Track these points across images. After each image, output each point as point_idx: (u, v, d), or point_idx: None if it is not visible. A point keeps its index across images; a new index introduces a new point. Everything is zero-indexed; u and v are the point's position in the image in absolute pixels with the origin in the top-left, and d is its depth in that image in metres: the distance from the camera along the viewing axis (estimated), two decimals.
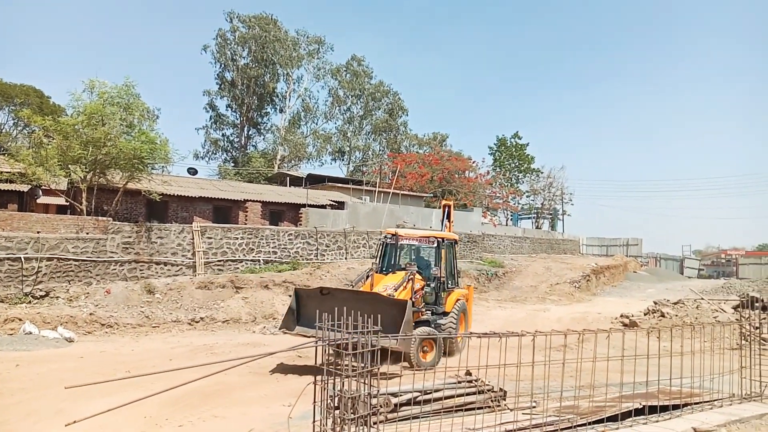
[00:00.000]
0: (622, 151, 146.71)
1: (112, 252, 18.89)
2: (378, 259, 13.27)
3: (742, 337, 8.41)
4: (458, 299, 13.32)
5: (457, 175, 45.97)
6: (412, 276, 11.86)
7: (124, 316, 16.32)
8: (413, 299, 11.44)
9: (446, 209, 16.01)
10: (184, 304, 17.97)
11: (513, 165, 60.17)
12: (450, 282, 13.52)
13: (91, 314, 15.77)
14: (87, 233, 18.54)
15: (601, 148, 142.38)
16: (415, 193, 39.67)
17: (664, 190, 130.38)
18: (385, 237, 13.47)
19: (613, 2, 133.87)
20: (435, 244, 13.27)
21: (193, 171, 33.45)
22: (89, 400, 7.61)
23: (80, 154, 19.16)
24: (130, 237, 19.34)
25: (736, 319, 11.92)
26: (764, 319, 9.89)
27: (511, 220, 52.56)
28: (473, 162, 49.75)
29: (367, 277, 12.70)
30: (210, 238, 21.41)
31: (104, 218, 19.39)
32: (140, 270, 19.43)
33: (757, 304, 10.98)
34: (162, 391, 5.69)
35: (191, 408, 7.82)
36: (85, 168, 19.88)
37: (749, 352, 7.61)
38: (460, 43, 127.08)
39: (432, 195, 42.72)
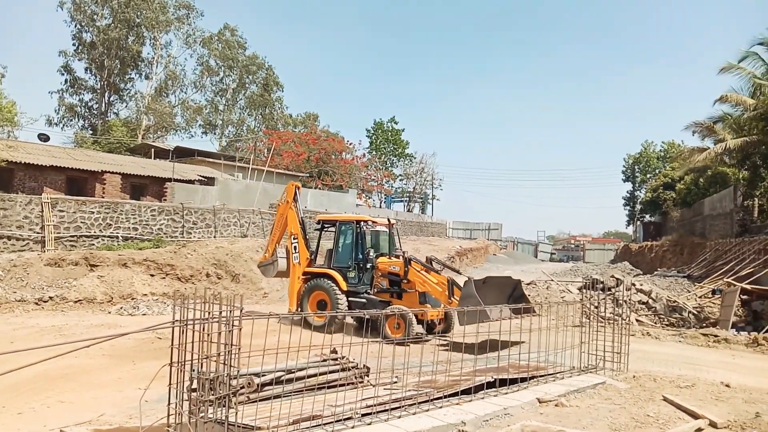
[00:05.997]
0: (487, 141, 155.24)
1: None
2: (352, 244, 13.72)
3: (584, 315, 9.22)
4: None
5: (333, 156, 46.02)
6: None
7: None
8: None
9: (295, 191, 15.05)
10: (31, 282, 16.47)
11: (388, 149, 61.28)
12: None
13: None
14: None
15: (468, 137, 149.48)
16: (290, 172, 39.12)
17: (524, 180, 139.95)
18: (359, 224, 13.84)
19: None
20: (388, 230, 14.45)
21: (44, 137, 30.65)
22: None
23: None
24: None
25: (580, 300, 13.07)
26: (603, 299, 10.96)
27: (385, 202, 53.75)
28: (350, 144, 50.09)
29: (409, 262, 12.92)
30: (62, 211, 19.75)
31: None
32: None
33: (598, 286, 12.15)
34: None
35: (34, 393, 7.24)
36: None
37: (589, 329, 8.39)
38: (335, 21, 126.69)
39: (308, 175, 42.44)
